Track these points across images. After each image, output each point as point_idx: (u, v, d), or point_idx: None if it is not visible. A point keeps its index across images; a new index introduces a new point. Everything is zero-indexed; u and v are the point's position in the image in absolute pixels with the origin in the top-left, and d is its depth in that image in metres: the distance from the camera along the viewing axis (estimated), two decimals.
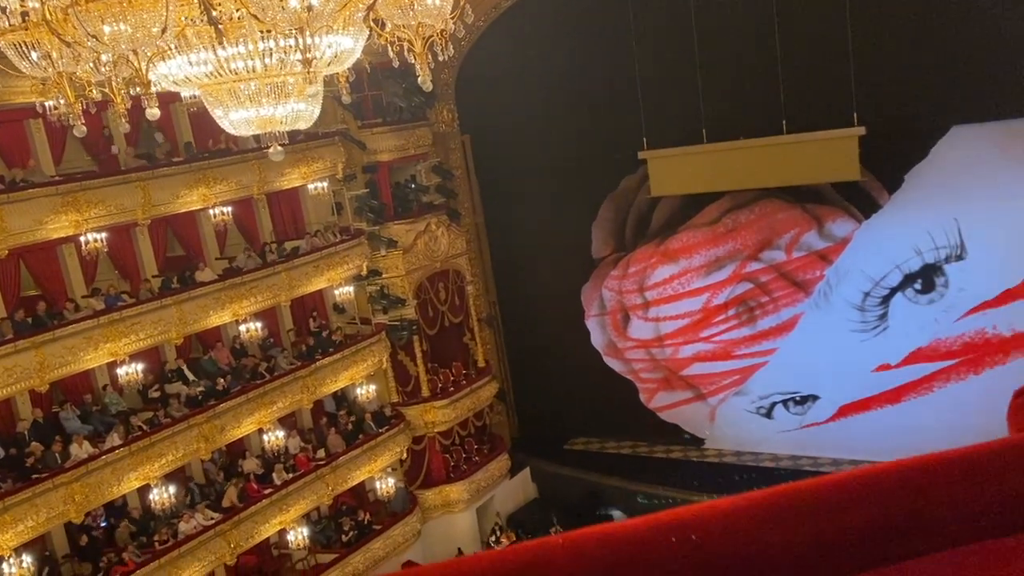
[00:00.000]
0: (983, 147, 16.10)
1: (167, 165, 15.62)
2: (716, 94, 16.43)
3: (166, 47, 5.55)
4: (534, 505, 21.06)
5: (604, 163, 19.13)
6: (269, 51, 5.57)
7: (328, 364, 17.46)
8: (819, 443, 18.91)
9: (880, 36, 15.54)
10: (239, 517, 15.42)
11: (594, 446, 21.65)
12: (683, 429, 20.59)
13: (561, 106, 19.01)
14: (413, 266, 19.15)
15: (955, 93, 15.55)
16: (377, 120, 19.25)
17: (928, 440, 17.62)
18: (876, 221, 17.39)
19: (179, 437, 14.79)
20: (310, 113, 6.58)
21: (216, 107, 6.16)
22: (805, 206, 18.06)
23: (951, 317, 17.02)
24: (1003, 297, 16.47)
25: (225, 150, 16.47)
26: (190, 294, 15.42)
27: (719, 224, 19.08)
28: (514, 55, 18.94)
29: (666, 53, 17.24)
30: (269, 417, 16.27)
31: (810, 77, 15.86)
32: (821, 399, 18.89)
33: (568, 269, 20.92)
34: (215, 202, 16.06)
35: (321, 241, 17.99)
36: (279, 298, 16.91)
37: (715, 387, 20.05)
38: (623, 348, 21.02)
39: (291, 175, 17.48)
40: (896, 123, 15.60)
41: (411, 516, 18.48)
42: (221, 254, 17.44)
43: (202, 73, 5.78)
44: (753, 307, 19.14)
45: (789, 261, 18.50)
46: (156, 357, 16.02)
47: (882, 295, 17.63)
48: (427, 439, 19.46)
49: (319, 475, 16.89)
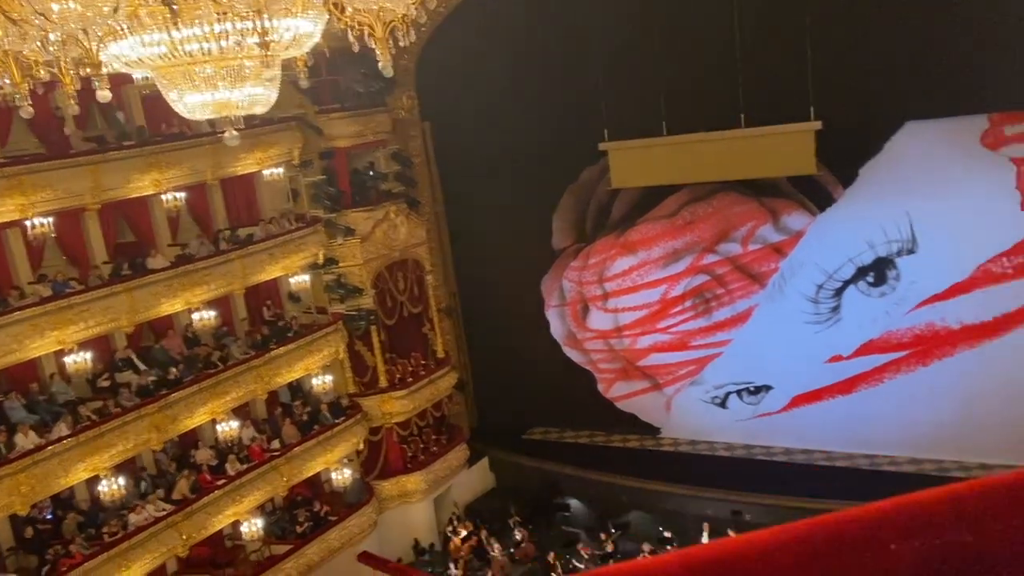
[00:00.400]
0: (935, 143, 16.42)
1: (118, 149, 15.23)
2: (676, 87, 16.51)
3: (118, 27, 5.37)
4: (492, 495, 21.08)
5: (565, 154, 19.12)
6: (226, 33, 5.42)
7: (283, 354, 17.23)
8: (772, 432, 19.22)
9: (837, 33, 15.73)
10: (192, 508, 15.17)
11: (552, 436, 21.74)
12: (640, 419, 20.77)
13: (523, 95, 18.94)
14: (371, 255, 18.96)
15: (909, 90, 15.82)
16: (335, 105, 18.97)
17: (878, 430, 18.07)
18: (830, 215, 17.66)
19: (130, 427, 14.48)
20: (267, 97, 6.43)
21: (170, 90, 5.99)
22: (761, 199, 18.27)
23: (902, 310, 17.38)
24: (952, 290, 16.85)
25: (179, 134, 16.11)
26: (141, 281, 15.08)
27: (677, 216, 19.22)
28: (476, 43, 18.79)
29: (627, 45, 17.26)
30: (222, 407, 16.02)
31: (768, 72, 16.00)
32: (774, 389, 19.18)
33: (528, 260, 20.90)
34: (167, 187, 15.71)
35: (276, 228, 17.72)
36: (233, 286, 16.63)
37: (671, 377, 20.25)
38: (582, 339, 21.10)
39: (246, 160, 17.17)
40: (851, 118, 15.82)
41: (367, 507, 18.37)
42: (173, 241, 17.09)
43: (156, 55, 5.61)
44: (709, 299, 19.34)
45: (745, 253, 18.72)
46: (106, 345, 15.65)
47: (835, 287, 17.92)
48: (384, 430, 19.34)
49: (274, 466, 16.69)
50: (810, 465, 18.52)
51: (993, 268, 16.43)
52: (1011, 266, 16.30)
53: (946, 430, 17.23)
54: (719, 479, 18.33)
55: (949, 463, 17.33)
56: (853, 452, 18.35)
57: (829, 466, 18.34)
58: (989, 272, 16.48)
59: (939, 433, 17.28)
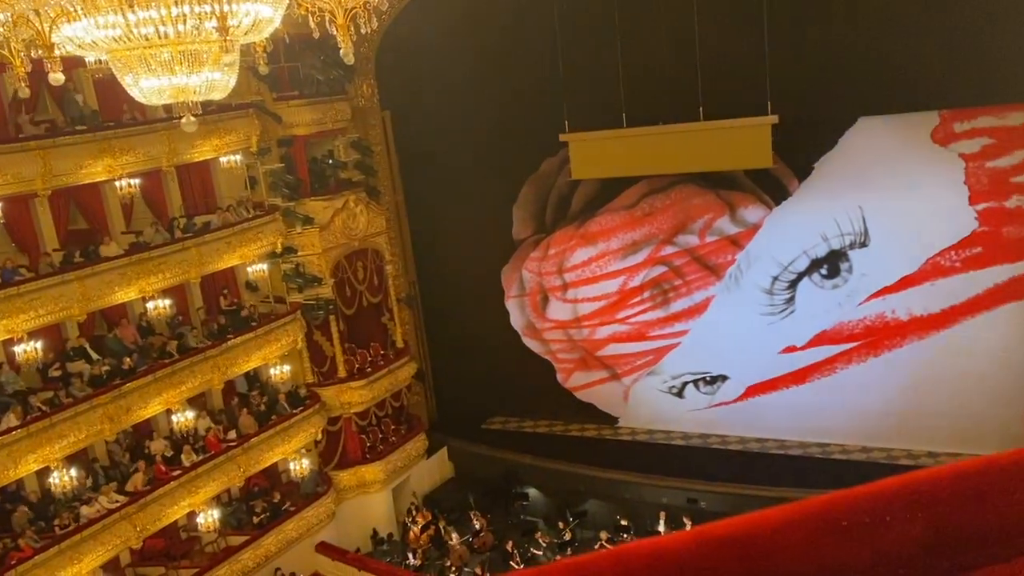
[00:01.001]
0: (888, 138, 16.78)
1: (70, 133, 14.88)
2: (636, 80, 16.62)
3: (71, 8, 5.26)
4: (451, 484, 21.12)
5: (526, 144, 19.15)
6: (183, 17, 5.34)
7: (240, 343, 17.04)
8: (728, 422, 19.53)
9: (794, 29, 15.97)
10: (146, 500, 14.96)
11: (511, 425, 21.83)
12: (598, 408, 20.95)
13: (483, 86, 18.91)
14: (330, 244, 18.80)
15: (863, 86, 16.12)
16: (294, 93, 18.75)
17: (830, 419, 18.44)
18: (786, 208, 17.96)
19: (81, 418, 14.21)
20: (225, 83, 6.36)
21: (125, 74, 5.88)
22: (719, 192, 18.51)
23: (854, 301, 17.76)
24: (902, 283, 17.27)
25: (133, 120, 15.79)
26: (94, 269, 14.78)
27: (636, 208, 19.38)
28: (437, 32, 18.70)
29: (589, 37, 17.32)
30: (178, 397, 15.80)
31: (727, 67, 16.18)
32: (730, 379, 19.48)
33: (489, 250, 20.91)
34: (121, 173, 15.39)
35: (234, 216, 17.48)
36: (189, 275, 16.39)
37: (629, 367, 20.45)
38: (542, 329, 21.20)
39: (203, 147, 16.89)
40: (807, 114, 16.08)
41: (325, 497, 18.28)
42: (127, 228, 16.77)
43: (110, 37, 5.50)
44: (667, 290, 19.55)
45: (702, 245, 18.95)
46: (57, 335, 15.33)
47: (790, 279, 18.24)
48: (343, 420, 19.24)
49: (230, 456, 16.52)
50: (764, 454, 18.87)
51: (942, 261, 16.87)
52: (959, 259, 16.75)
53: (895, 419, 17.68)
54: (675, 468, 18.59)
55: (898, 451, 17.79)
56: (806, 440, 18.73)
57: (782, 454, 18.70)
58: (938, 265, 16.92)
59: (889, 422, 17.73)
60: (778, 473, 17.54)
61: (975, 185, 16.30)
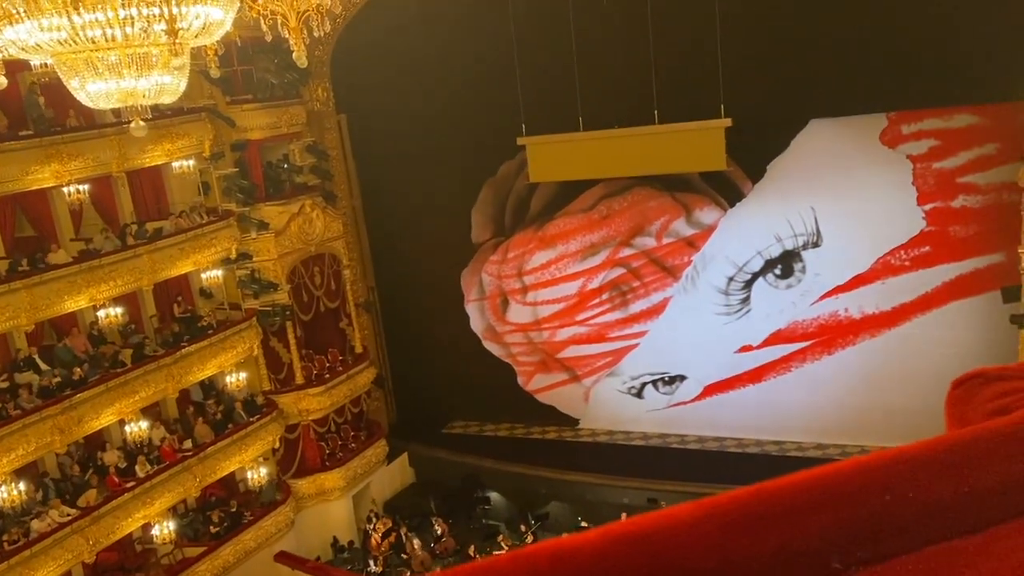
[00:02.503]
0: (838, 140, 17.12)
1: (14, 139, 14.50)
2: (592, 84, 16.72)
3: (13, 10, 5.12)
4: (411, 490, 21.00)
5: (483, 147, 19.15)
6: (131, 19, 5.24)
7: (195, 351, 16.75)
8: (686, 421, 19.74)
9: (746, 33, 16.21)
10: (99, 512, 14.62)
11: (472, 429, 21.79)
12: (559, 410, 21.01)
13: (440, 88, 18.87)
14: (286, 249, 18.59)
15: (813, 89, 16.42)
16: (247, 96, 18.50)
17: (786, 417, 18.70)
18: (740, 209, 18.21)
19: (30, 430, 13.84)
20: (175, 86, 6.25)
21: (71, 78, 5.75)
22: (675, 194, 18.70)
23: (807, 301, 18.07)
24: (853, 282, 17.62)
25: (80, 125, 15.45)
26: (42, 277, 14.41)
27: (594, 211, 19.50)
28: (392, 34, 18.62)
29: (544, 41, 17.39)
30: (131, 407, 15.48)
31: (681, 70, 16.38)
32: (688, 379, 19.69)
33: (448, 254, 20.86)
34: (70, 179, 15.04)
35: (187, 222, 17.19)
36: (141, 282, 16.07)
37: (589, 369, 20.55)
38: (502, 332, 21.21)
39: (154, 152, 16.58)
40: (759, 117, 16.33)
41: (284, 506, 18.05)
42: (76, 235, 16.39)
43: (55, 40, 5.38)
44: (625, 291, 19.70)
45: (659, 247, 19.13)
46: (4, 345, 14.93)
47: (745, 280, 18.50)
48: (301, 427, 19.03)
49: (186, 466, 16.23)
50: (722, 452, 19.10)
51: (892, 260, 17.25)
52: (908, 258, 17.15)
53: (850, 416, 18.02)
54: (636, 468, 18.72)
55: (852, 447, 18.13)
56: (763, 439, 19.00)
57: (740, 452, 18.95)
58: (888, 264, 17.29)
59: (843, 419, 18.06)
60: (736, 471, 17.75)
61: (922, 186, 16.70)
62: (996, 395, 1.30)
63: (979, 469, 1.07)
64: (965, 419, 1.31)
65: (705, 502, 1.04)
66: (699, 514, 1.01)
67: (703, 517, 1.00)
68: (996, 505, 1.05)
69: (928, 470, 1.06)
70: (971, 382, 1.39)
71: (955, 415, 1.37)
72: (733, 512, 1.01)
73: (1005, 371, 1.38)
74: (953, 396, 1.40)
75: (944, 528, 1.02)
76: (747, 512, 1.00)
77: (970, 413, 1.31)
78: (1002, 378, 1.36)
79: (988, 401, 1.30)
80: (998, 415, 1.22)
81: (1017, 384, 1.30)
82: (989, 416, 1.25)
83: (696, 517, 1.00)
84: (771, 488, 1.03)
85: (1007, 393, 1.29)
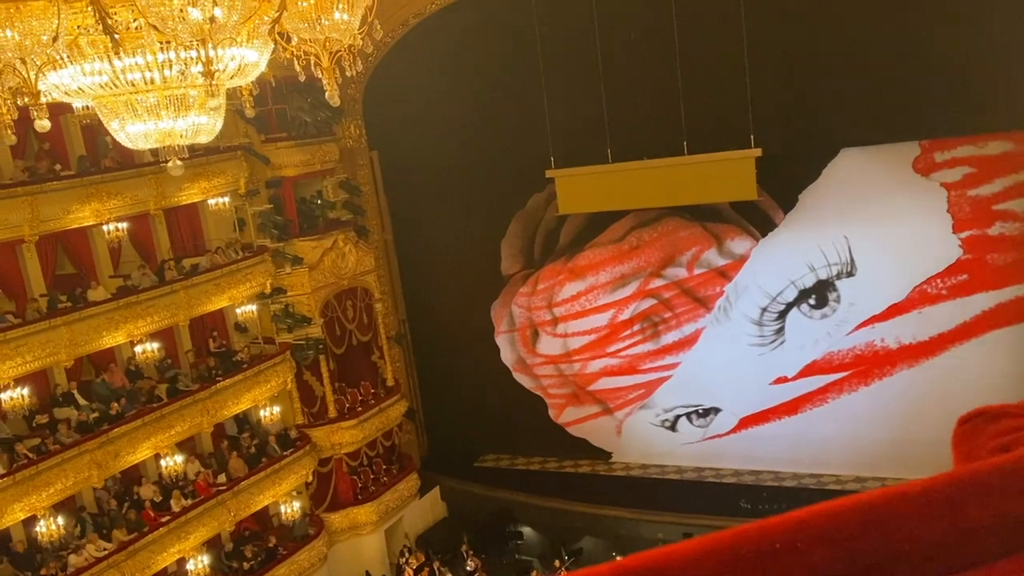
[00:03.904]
0: (870, 169, 16.98)
1: (56, 179, 14.90)
2: (620, 115, 16.81)
3: (57, 56, 5.30)
4: (444, 524, 20.89)
5: (512, 180, 19.28)
6: (169, 62, 5.39)
7: (230, 386, 16.91)
8: (721, 454, 19.44)
9: (775, 63, 16.23)
10: (135, 547, 14.72)
11: (504, 463, 21.66)
12: (591, 443, 20.83)
13: (469, 123, 19.08)
14: (319, 283, 18.79)
15: (844, 118, 16.36)
16: (282, 134, 18.85)
17: (823, 449, 18.35)
18: (772, 239, 18.08)
19: (68, 465, 14.02)
20: (212, 126, 6.39)
21: (112, 119, 5.92)
22: (705, 224, 18.63)
23: (843, 331, 17.82)
24: (890, 311, 17.35)
25: (119, 164, 15.83)
26: (81, 314, 14.70)
27: (624, 242, 19.48)
28: (423, 71, 18.92)
29: (573, 74, 17.55)
30: (167, 441, 15.64)
31: (710, 101, 16.41)
32: (723, 411, 19.44)
33: (478, 286, 20.94)
34: (109, 218, 15.39)
35: (222, 258, 17.47)
36: (177, 317, 16.31)
37: (621, 401, 20.39)
38: (532, 364, 21.15)
39: (191, 190, 16.93)
40: (790, 145, 16.29)
41: (317, 540, 18.04)
42: (115, 272, 16.71)
43: (96, 84, 5.55)
44: (657, 322, 19.58)
45: (691, 278, 19.03)
46: (44, 380, 15.18)
47: (779, 310, 18.31)
48: (334, 461, 19.06)
49: (220, 501, 16.31)
50: (759, 486, 18.77)
51: (928, 289, 16.98)
52: (945, 287, 16.87)
53: (888, 448, 17.64)
54: (670, 502, 18.46)
55: (892, 480, 17.72)
56: (800, 472, 18.66)
57: (777, 486, 18.61)
58: (925, 293, 17.03)
59: (882, 451, 17.69)
60: (773, 506, 17.42)
61: (958, 213, 16.47)
62: (999, 432, 1.31)
63: (978, 506, 1.08)
64: (970, 456, 1.32)
65: (711, 537, 1.05)
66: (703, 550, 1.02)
67: (706, 553, 1.01)
68: (995, 541, 1.06)
69: (928, 507, 1.07)
70: (975, 420, 1.40)
71: (961, 452, 1.37)
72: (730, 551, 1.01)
73: (1008, 409, 1.39)
74: (959, 433, 1.41)
75: (944, 563, 1.03)
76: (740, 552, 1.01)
77: (974, 450, 1.32)
78: (1005, 416, 1.36)
79: (991, 439, 1.31)
80: (1000, 452, 1.23)
81: (1020, 422, 1.31)
82: (992, 453, 1.25)
83: (698, 553, 1.02)
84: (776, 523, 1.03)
85: (1009, 431, 1.29)
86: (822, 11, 16.10)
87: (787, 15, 16.26)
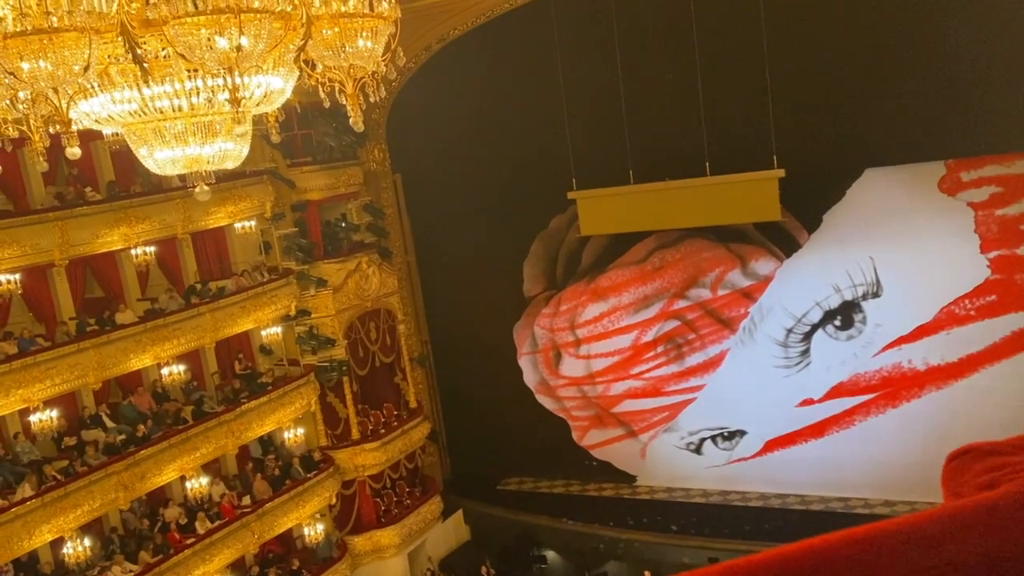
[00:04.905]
0: (895, 189, 16.85)
1: (86, 204, 15.17)
2: (642, 136, 16.84)
3: (88, 85, 5.42)
4: (467, 548, 20.78)
5: (534, 202, 19.34)
6: (196, 90, 5.49)
7: (255, 408, 17.02)
8: (747, 478, 19.22)
9: (797, 83, 16.21)
10: (160, 568, 14.79)
11: (527, 486, 21.55)
12: (615, 466, 20.68)
13: (491, 146, 19.20)
14: (343, 305, 18.92)
15: (868, 138, 16.27)
16: (307, 159, 19.09)
17: (850, 473, 18.07)
18: (797, 260, 17.96)
19: (96, 487, 14.16)
20: (238, 152, 6.49)
21: (140, 146, 6.03)
22: (729, 245, 18.55)
23: (869, 352, 17.61)
24: (917, 332, 17.14)
25: (148, 190, 16.09)
26: (109, 337, 14.89)
27: (647, 263, 19.43)
28: (445, 96, 19.10)
29: (594, 96, 17.62)
30: (192, 463, 15.74)
31: (732, 121, 16.40)
32: (748, 434, 19.24)
33: (500, 308, 20.95)
34: (137, 242, 15.63)
35: (248, 281, 17.65)
36: (203, 340, 16.47)
37: (645, 424, 20.24)
38: (555, 386, 21.08)
39: (217, 214, 17.16)
40: (814, 166, 16.21)
41: (340, 563, 18.02)
42: (143, 295, 16.94)
43: (126, 112, 5.66)
44: (681, 344, 19.46)
45: (715, 299, 18.92)
46: (72, 403, 15.37)
47: (804, 331, 18.14)
48: (357, 483, 19.08)
49: (244, 523, 16.36)
50: (785, 510, 18.52)
51: (956, 310, 16.76)
52: (973, 308, 16.64)
53: (917, 471, 17.31)
54: (695, 526, 18.26)
55: (922, 504, 17.41)
56: (827, 495, 18.39)
57: (804, 510, 18.35)
58: (952, 314, 16.80)
59: (910, 474, 17.38)
60: (800, 530, 17.17)
61: (985, 233, 16.28)
62: (986, 470, 1.32)
63: (961, 542, 1.09)
64: (958, 493, 1.34)
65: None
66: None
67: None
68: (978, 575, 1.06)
69: (912, 543, 1.09)
70: (964, 456, 1.42)
71: (950, 488, 1.39)
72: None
73: (996, 447, 1.40)
74: (948, 470, 1.43)
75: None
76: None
77: (962, 487, 1.34)
78: (993, 453, 1.38)
79: (978, 476, 1.32)
80: (986, 489, 1.24)
81: (1007, 459, 1.32)
82: (979, 490, 1.27)
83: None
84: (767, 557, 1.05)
85: (995, 468, 1.31)
86: (845, 31, 16.08)
87: (809, 35, 16.26)
